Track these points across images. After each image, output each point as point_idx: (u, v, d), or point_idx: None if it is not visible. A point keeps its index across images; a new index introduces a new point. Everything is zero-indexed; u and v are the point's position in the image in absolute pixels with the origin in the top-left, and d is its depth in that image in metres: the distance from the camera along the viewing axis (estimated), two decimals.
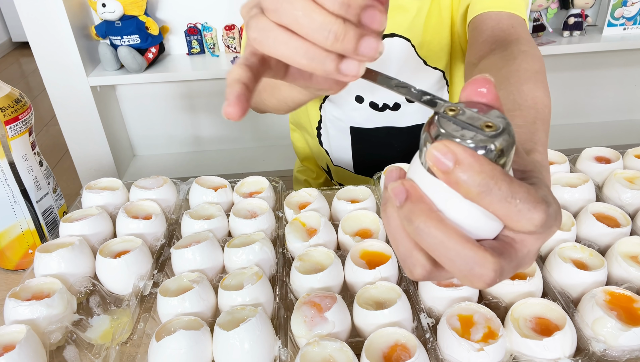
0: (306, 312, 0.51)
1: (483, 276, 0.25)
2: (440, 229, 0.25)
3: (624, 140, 1.94)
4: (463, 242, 0.25)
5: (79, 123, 1.72)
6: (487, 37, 0.63)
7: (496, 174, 0.24)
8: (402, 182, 0.27)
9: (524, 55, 0.53)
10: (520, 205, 0.24)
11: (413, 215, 0.26)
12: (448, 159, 0.24)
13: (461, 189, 0.24)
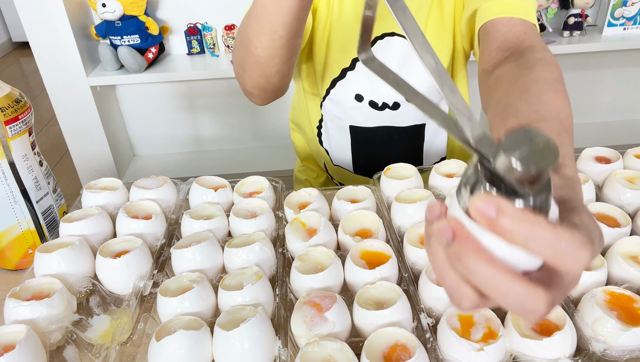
0: (306, 312, 0.51)
1: (536, 311, 0.26)
2: (491, 267, 0.26)
3: (624, 140, 1.94)
4: (514, 280, 0.26)
5: (79, 123, 1.72)
6: (500, 44, 0.62)
7: (540, 222, 0.25)
8: (448, 221, 0.28)
9: (541, 64, 0.53)
10: (566, 249, 0.25)
11: (462, 254, 0.27)
12: (491, 209, 0.25)
13: (506, 236, 0.25)
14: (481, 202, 0.25)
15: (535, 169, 0.24)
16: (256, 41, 0.61)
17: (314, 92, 0.92)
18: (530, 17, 0.64)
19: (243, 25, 0.65)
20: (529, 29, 0.63)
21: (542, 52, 0.57)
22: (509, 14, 0.64)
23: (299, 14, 0.57)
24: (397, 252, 0.61)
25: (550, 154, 0.25)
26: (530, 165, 0.24)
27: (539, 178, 0.25)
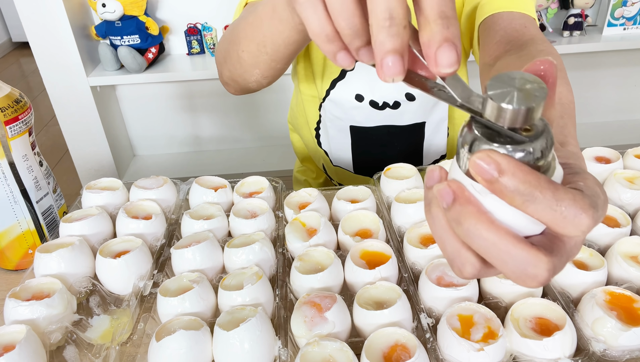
0: (306, 312, 0.51)
1: (537, 276, 0.25)
2: (491, 231, 0.25)
3: (624, 140, 1.94)
4: (515, 243, 0.25)
5: (79, 123, 1.72)
6: (500, 38, 0.63)
7: (541, 183, 0.24)
8: (448, 184, 0.27)
9: (542, 55, 0.53)
10: (566, 212, 0.24)
11: (462, 217, 0.26)
12: (492, 168, 0.24)
13: (505, 197, 0.24)
14: (480, 160, 0.24)
15: (525, 106, 0.23)
16: (244, 45, 0.60)
17: (311, 94, 0.92)
18: (530, 10, 0.65)
19: (238, 21, 0.64)
20: (528, 22, 0.63)
21: (543, 44, 0.57)
22: (509, 8, 0.65)
23: (290, 43, 0.55)
24: (397, 252, 0.61)
25: (538, 90, 0.24)
26: (519, 105, 0.23)
27: (532, 120, 0.24)
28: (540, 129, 0.24)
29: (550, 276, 0.25)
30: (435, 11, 0.26)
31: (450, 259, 0.28)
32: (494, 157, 0.24)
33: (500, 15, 0.65)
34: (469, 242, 0.26)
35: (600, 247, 0.61)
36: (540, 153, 0.24)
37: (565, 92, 0.45)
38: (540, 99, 0.23)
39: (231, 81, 0.71)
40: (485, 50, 0.64)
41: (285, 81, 1.89)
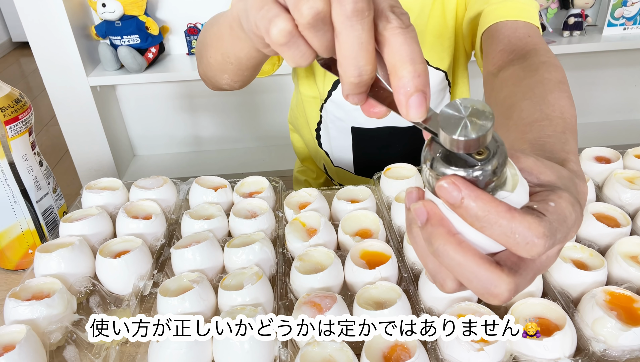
0: (306, 312, 0.51)
1: (499, 296, 0.27)
2: (458, 252, 0.27)
3: (624, 140, 1.94)
4: (479, 264, 0.27)
5: (79, 123, 1.72)
6: (504, 47, 0.63)
7: (498, 211, 0.25)
8: (423, 204, 0.28)
9: (545, 66, 0.53)
10: (519, 238, 0.25)
11: (432, 237, 0.28)
12: (456, 194, 0.25)
13: (467, 220, 0.26)
14: (446, 184, 0.26)
15: (475, 135, 0.25)
16: (211, 53, 0.59)
17: (312, 95, 0.91)
18: (533, 19, 0.65)
19: (207, 27, 0.62)
20: (532, 31, 0.63)
21: (546, 54, 0.57)
22: (513, 17, 0.64)
23: (252, 57, 0.53)
24: (397, 252, 0.61)
25: (486, 117, 0.25)
26: (469, 135, 0.25)
27: (482, 146, 0.25)
28: (493, 151, 0.26)
29: (512, 295, 0.27)
30: (405, 57, 0.26)
31: (432, 276, 0.30)
32: (458, 184, 0.25)
33: (504, 24, 0.65)
34: (439, 261, 0.28)
35: (600, 247, 0.61)
36: (492, 173, 0.26)
37: (567, 106, 0.45)
38: (487, 127, 0.25)
39: (206, 79, 0.72)
40: (489, 58, 0.64)
41: (286, 81, 1.89)
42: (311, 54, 0.28)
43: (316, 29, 0.26)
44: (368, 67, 0.26)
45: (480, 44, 0.70)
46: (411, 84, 0.26)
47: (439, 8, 0.80)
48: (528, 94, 0.48)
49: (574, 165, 0.36)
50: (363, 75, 0.26)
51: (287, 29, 0.27)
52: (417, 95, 0.26)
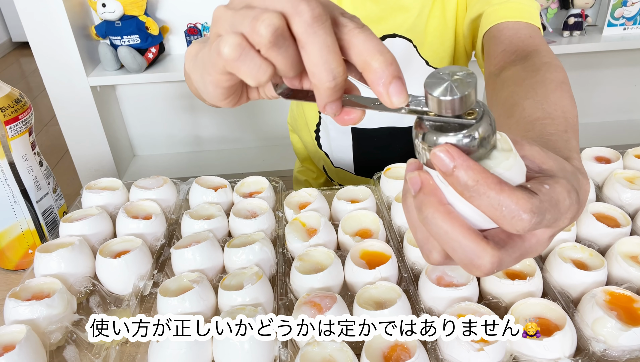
0: (306, 312, 0.51)
1: (481, 267, 0.27)
2: (446, 221, 0.27)
3: (624, 140, 1.94)
4: (465, 235, 0.27)
5: (79, 123, 1.72)
6: (506, 47, 0.63)
7: (488, 182, 0.26)
8: (418, 173, 0.29)
9: (547, 66, 0.54)
10: (505, 211, 0.26)
11: (423, 205, 0.28)
12: (449, 161, 0.26)
13: (456, 189, 0.27)
14: (440, 152, 0.26)
15: (460, 93, 0.25)
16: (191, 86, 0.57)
17: None
18: (535, 20, 0.65)
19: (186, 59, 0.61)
20: (534, 32, 0.63)
21: (548, 55, 0.57)
22: (514, 18, 0.65)
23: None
24: (397, 252, 0.61)
25: (468, 77, 0.26)
26: (455, 94, 0.26)
27: (471, 104, 0.26)
28: (481, 111, 0.27)
29: (494, 268, 0.27)
30: (373, 50, 0.27)
31: (420, 246, 0.31)
32: (451, 152, 0.26)
33: (505, 25, 0.65)
34: (427, 229, 0.28)
35: (600, 247, 0.61)
36: (484, 134, 0.26)
37: (569, 106, 0.46)
38: (472, 84, 0.26)
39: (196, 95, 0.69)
40: (491, 59, 0.65)
41: None
42: (268, 66, 0.27)
43: (278, 46, 0.26)
44: (340, 69, 0.27)
45: (481, 45, 0.70)
46: (386, 73, 0.26)
47: (438, 8, 0.80)
48: (530, 93, 0.49)
49: (577, 163, 0.36)
50: (337, 78, 0.27)
51: (236, 42, 0.27)
52: (394, 83, 0.26)
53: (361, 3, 0.80)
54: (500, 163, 0.27)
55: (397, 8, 0.80)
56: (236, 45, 0.26)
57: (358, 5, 0.80)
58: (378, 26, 0.81)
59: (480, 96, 1.13)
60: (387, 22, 0.81)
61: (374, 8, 0.81)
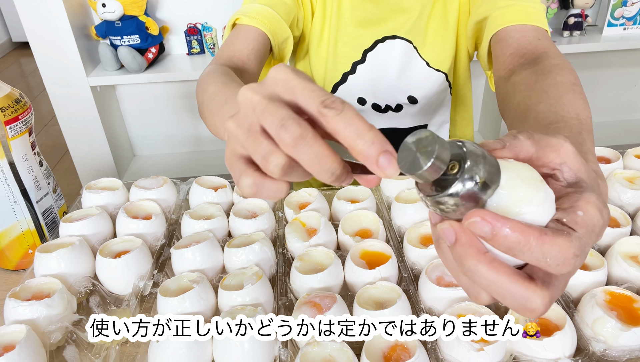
0: (306, 312, 0.51)
1: (535, 310, 0.27)
2: (491, 270, 0.27)
3: (624, 140, 1.94)
4: (513, 281, 0.27)
5: (79, 123, 1.72)
6: (514, 50, 0.63)
7: (529, 239, 0.26)
8: (450, 224, 0.29)
9: (557, 69, 0.53)
10: (551, 262, 0.26)
11: (463, 258, 0.28)
12: (486, 229, 0.26)
13: (500, 250, 0.27)
14: (475, 222, 0.26)
15: (426, 162, 0.26)
16: (207, 122, 0.59)
17: None
18: (542, 23, 0.65)
19: (203, 94, 0.61)
20: (541, 35, 0.63)
21: (557, 57, 0.57)
22: (521, 21, 0.64)
23: None
24: (397, 252, 0.61)
25: (429, 140, 0.26)
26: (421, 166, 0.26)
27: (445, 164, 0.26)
28: (464, 159, 0.27)
29: (547, 308, 0.27)
30: (353, 136, 0.28)
31: (466, 289, 0.30)
32: (486, 217, 0.26)
33: (513, 28, 0.65)
34: (472, 280, 0.28)
35: (600, 247, 0.61)
36: (479, 176, 0.26)
37: (582, 107, 0.46)
38: (432, 146, 0.26)
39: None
40: (499, 62, 0.64)
41: None
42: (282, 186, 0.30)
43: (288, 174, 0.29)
44: (334, 165, 0.28)
45: (487, 48, 0.70)
46: (371, 152, 0.27)
47: (439, 9, 0.80)
48: (542, 97, 0.49)
49: (594, 165, 0.36)
50: (335, 172, 0.28)
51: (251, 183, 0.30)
52: (381, 158, 0.27)
53: (361, 5, 0.80)
54: (533, 199, 0.27)
55: (397, 9, 0.80)
56: (252, 185, 0.30)
57: (357, 7, 0.80)
58: (378, 28, 0.81)
59: (477, 93, 1.12)
60: (387, 23, 0.81)
61: (373, 10, 0.81)
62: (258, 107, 0.29)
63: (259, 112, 0.29)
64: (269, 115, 0.28)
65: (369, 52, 0.82)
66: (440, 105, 0.90)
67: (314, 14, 0.82)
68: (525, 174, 0.28)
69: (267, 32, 0.72)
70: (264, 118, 0.29)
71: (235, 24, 0.74)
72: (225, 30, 0.76)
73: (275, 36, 0.74)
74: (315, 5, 0.82)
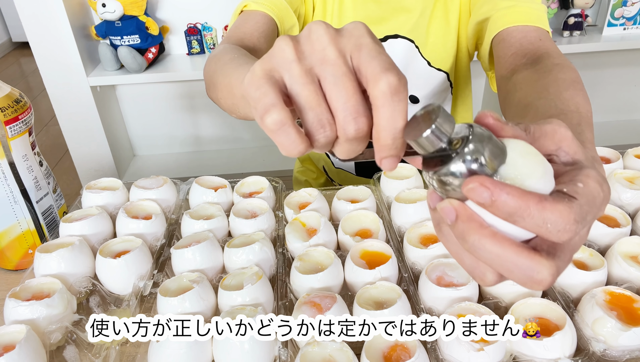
0: (306, 312, 0.51)
1: (543, 281, 0.27)
2: (495, 244, 0.27)
3: (624, 140, 1.94)
4: (518, 253, 0.27)
5: (79, 123, 1.72)
6: (516, 50, 0.63)
7: (530, 204, 0.25)
8: (449, 202, 0.28)
9: (559, 67, 0.54)
10: (552, 228, 0.26)
11: (466, 234, 0.27)
12: (485, 195, 0.26)
13: (499, 216, 0.26)
14: (474, 187, 0.26)
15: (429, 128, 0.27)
16: (221, 96, 0.56)
17: None
18: (543, 24, 0.65)
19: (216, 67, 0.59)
20: (543, 35, 0.63)
21: (559, 57, 0.57)
22: (523, 22, 0.64)
23: None
24: (397, 252, 0.61)
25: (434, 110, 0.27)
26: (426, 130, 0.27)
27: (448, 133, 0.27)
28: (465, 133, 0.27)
29: (555, 279, 0.27)
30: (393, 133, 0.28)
31: (470, 271, 0.30)
32: (485, 183, 0.26)
33: (514, 29, 0.65)
34: (476, 256, 0.28)
35: (600, 247, 0.61)
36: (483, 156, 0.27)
37: (582, 102, 0.46)
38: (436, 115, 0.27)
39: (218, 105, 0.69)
40: (501, 63, 0.65)
41: None
42: (302, 142, 0.29)
43: (359, 140, 0.29)
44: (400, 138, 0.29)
45: (489, 49, 0.70)
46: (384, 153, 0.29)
47: (440, 9, 0.80)
48: (543, 93, 0.49)
49: (592, 152, 0.36)
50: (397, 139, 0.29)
51: (278, 120, 0.28)
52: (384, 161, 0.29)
53: (362, 4, 0.80)
54: (533, 174, 0.27)
55: (399, 9, 0.80)
56: (277, 122, 0.28)
57: (359, 6, 0.80)
58: (380, 27, 0.81)
59: (477, 92, 1.11)
60: (388, 22, 0.81)
61: (375, 9, 0.81)
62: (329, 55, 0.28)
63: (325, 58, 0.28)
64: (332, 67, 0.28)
65: None
66: (441, 104, 0.90)
67: (315, 12, 0.82)
68: (524, 150, 0.28)
69: (275, 17, 0.72)
70: (325, 68, 0.28)
71: (243, 11, 0.74)
72: (231, 17, 0.76)
73: (283, 22, 0.74)
74: (316, 3, 0.82)
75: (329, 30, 0.29)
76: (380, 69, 0.28)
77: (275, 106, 0.28)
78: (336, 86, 0.28)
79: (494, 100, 1.88)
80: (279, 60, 0.30)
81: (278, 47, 0.30)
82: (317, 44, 0.29)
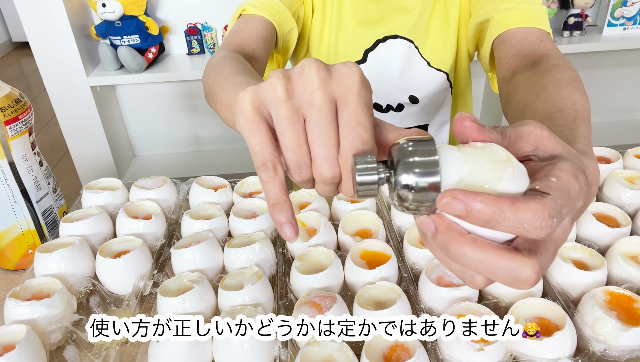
0: (306, 312, 0.51)
1: (527, 280, 0.27)
2: (476, 250, 0.27)
3: (624, 140, 1.94)
4: (499, 255, 0.27)
5: (79, 123, 1.72)
6: (517, 52, 0.63)
7: (503, 208, 0.26)
8: (426, 216, 0.29)
9: (558, 68, 0.54)
10: (528, 227, 0.26)
11: (446, 244, 0.28)
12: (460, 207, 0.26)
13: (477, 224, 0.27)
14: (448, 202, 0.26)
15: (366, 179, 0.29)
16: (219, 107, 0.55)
17: None
18: (544, 25, 0.65)
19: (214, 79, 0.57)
20: (544, 37, 0.63)
21: (559, 58, 0.57)
22: (524, 24, 0.64)
23: None
24: (397, 252, 0.61)
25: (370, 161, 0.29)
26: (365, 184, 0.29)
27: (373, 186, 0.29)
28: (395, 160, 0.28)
29: (539, 276, 0.27)
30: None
31: (460, 276, 0.30)
32: (457, 195, 0.26)
33: (515, 30, 0.65)
34: (460, 263, 0.28)
35: (600, 247, 0.61)
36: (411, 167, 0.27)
37: (580, 100, 0.47)
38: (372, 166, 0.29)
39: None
40: (502, 64, 0.65)
41: None
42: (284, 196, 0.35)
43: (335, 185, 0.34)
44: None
45: (489, 50, 0.70)
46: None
47: (440, 9, 0.80)
48: (541, 93, 0.49)
49: (582, 146, 0.36)
50: None
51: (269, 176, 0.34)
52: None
53: (362, 4, 0.80)
54: (502, 176, 0.27)
55: (398, 9, 0.80)
56: (269, 177, 0.34)
57: (359, 6, 0.80)
58: (379, 27, 0.81)
59: (477, 92, 1.11)
60: (388, 23, 0.81)
61: (374, 9, 0.81)
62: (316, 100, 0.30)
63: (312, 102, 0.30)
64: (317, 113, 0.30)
65: (370, 51, 0.82)
66: (441, 105, 0.90)
67: (314, 13, 0.82)
68: (490, 155, 0.28)
69: (274, 21, 0.72)
70: (310, 112, 0.30)
71: (241, 15, 0.74)
72: (230, 20, 0.76)
73: (281, 26, 0.74)
74: (315, 4, 0.82)
75: (320, 73, 0.31)
76: (351, 147, 0.30)
77: (266, 165, 0.34)
78: (319, 134, 0.31)
79: (494, 100, 1.88)
80: (267, 98, 0.32)
81: (270, 83, 0.32)
82: (307, 86, 0.31)
